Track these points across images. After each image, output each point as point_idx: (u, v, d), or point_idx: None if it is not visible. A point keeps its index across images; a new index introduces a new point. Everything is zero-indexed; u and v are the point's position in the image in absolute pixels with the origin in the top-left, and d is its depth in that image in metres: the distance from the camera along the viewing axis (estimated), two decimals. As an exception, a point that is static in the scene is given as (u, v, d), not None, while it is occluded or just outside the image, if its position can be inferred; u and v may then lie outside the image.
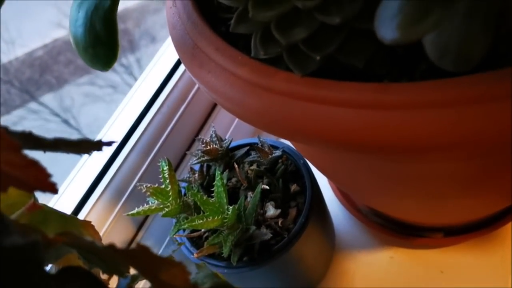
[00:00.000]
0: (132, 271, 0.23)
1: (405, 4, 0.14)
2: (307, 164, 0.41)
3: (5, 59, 1.14)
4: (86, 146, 0.16)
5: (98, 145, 0.17)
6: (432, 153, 0.21)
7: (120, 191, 0.46)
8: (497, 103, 0.19)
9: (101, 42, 0.28)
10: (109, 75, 1.11)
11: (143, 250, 0.15)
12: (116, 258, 0.17)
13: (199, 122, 0.55)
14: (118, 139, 0.47)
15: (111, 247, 0.16)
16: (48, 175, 0.16)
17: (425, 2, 0.14)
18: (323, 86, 0.22)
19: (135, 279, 0.22)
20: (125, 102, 0.52)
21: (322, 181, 0.49)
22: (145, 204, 0.38)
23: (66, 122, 1.15)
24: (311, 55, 0.21)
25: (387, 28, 0.15)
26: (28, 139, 0.15)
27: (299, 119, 0.23)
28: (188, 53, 0.29)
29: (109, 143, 0.17)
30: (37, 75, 1.23)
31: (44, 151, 0.18)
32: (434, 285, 0.41)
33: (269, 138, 0.45)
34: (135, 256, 0.16)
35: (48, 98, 1.16)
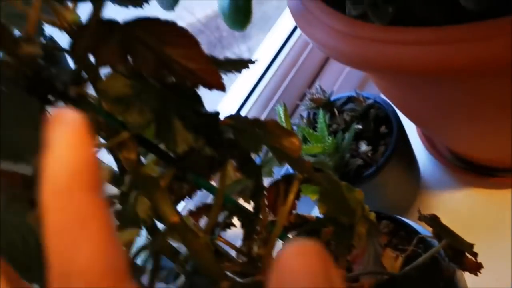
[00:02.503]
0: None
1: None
2: (395, 111, 0.50)
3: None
4: (240, 64, 0.28)
5: (247, 63, 0.29)
6: (472, 75, 0.29)
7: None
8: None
9: (240, 11, 0.40)
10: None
11: (273, 121, 0.27)
12: (255, 131, 0.28)
13: (310, 79, 0.66)
14: (244, 93, 0.60)
15: (256, 119, 0.27)
16: (220, 75, 0.27)
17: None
18: (395, 31, 0.31)
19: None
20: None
21: (411, 130, 0.56)
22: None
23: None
24: (386, 8, 0.31)
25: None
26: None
27: (379, 55, 0.32)
28: (301, 16, 0.40)
29: (253, 62, 0.28)
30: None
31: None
32: (506, 220, 0.47)
33: (364, 92, 0.54)
34: (267, 125, 0.27)
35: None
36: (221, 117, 0.28)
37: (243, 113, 0.60)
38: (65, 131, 0.11)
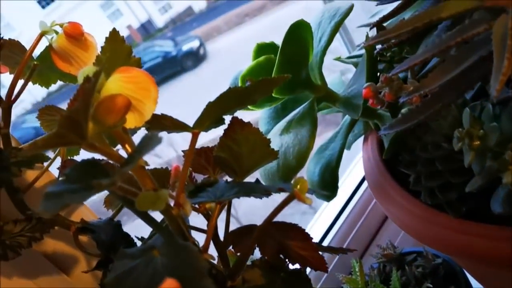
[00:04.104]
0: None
1: (502, 199, 0.30)
2: (463, 270, 0.54)
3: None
4: (339, 250, 0.35)
5: (343, 251, 0.36)
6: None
7: (317, 278, 0.64)
8: None
9: (327, 185, 0.48)
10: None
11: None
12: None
13: (377, 227, 0.71)
14: (317, 238, 0.66)
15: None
16: (325, 261, 0.34)
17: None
18: (467, 224, 0.37)
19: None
20: (319, 213, 0.72)
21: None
22: (339, 289, 0.55)
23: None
24: (460, 207, 0.37)
25: (496, 206, 0.31)
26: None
27: (452, 242, 0.38)
28: (378, 191, 0.47)
29: (351, 250, 0.35)
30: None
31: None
32: None
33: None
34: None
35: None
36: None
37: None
38: None
